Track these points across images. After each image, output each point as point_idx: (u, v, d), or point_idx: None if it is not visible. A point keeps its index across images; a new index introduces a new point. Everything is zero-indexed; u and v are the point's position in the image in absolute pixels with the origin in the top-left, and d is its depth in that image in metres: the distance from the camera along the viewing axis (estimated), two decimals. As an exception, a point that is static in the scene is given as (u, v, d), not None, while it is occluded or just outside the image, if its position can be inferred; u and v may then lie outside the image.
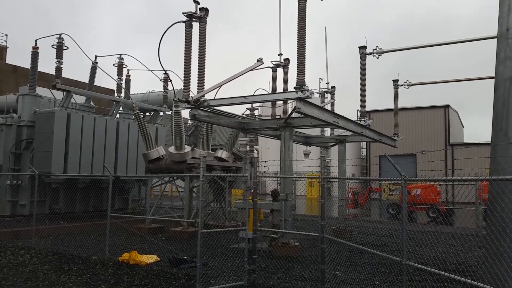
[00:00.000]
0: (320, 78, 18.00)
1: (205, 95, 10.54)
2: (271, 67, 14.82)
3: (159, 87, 26.48)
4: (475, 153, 29.58)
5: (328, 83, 17.31)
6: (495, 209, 5.72)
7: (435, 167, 32.48)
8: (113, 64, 21.42)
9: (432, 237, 14.20)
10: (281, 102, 16.50)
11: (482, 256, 6.79)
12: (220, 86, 10.71)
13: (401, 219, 6.31)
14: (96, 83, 21.90)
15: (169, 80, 20.12)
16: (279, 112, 16.33)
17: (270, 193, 13.35)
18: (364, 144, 41.84)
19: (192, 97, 10.43)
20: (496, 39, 6.54)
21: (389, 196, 24.44)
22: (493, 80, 6.59)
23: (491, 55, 6.56)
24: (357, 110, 15.18)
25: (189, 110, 10.81)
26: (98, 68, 20.37)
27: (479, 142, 32.94)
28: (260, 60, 11.16)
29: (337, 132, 16.48)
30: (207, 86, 10.60)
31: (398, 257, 6.46)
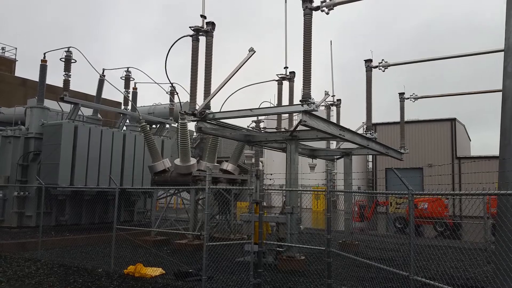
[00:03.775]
0: (325, 91, 17.98)
1: (211, 107, 10.59)
2: (276, 80, 14.92)
3: (167, 99, 26.67)
4: (482, 166, 29.35)
5: (334, 95, 17.35)
6: (504, 224, 5.66)
7: (442, 181, 32.24)
8: (120, 77, 21.65)
9: (440, 252, 14.02)
10: (287, 114, 16.55)
11: (491, 271, 6.69)
12: (220, 88, 10.62)
13: (408, 233, 6.25)
14: (104, 95, 22.12)
15: (175, 93, 20.28)
16: (284, 124, 16.35)
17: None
18: (370, 157, 41.66)
19: (196, 109, 10.49)
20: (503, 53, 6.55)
21: (395, 210, 24.24)
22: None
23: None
24: (363, 122, 15.17)
25: (195, 122, 10.86)
26: (105, 81, 20.59)
27: (486, 156, 32.70)
28: (251, 50, 11.07)
29: (343, 145, 16.45)
30: (214, 99, 10.64)
31: (405, 271, 6.39)
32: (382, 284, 8.89)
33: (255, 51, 10.99)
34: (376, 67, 14.51)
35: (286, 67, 14.45)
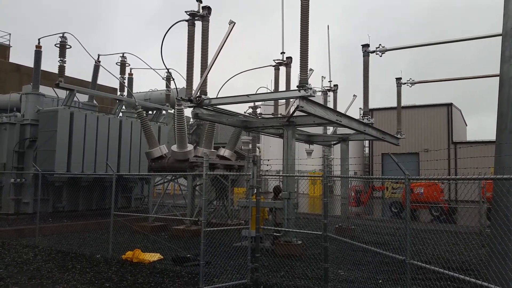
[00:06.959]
0: (322, 76, 17.95)
1: (208, 93, 10.52)
2: (273, 66, 14.82)
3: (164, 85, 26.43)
4: (478, 151, 29.47)
5: (331, 81, 17.32)
6: (500, 208, 5.71)
7: (438, 166, 32.37)
8: (116, 63, 21.43)
9: (436, 236, 14.17)
10: (284, 100, 16.50)
11: (487, 255, 6.77)
12: (209, 69, 10.47)
13: (405, 217, 6.30)
14: (100, 81, 21.92)
15: (171, 79, 20.14)
16: (281, 110, 16.31)
17: (272, 190, 13.31)
18: (366, 143, 41.77)
19: (193, 95, 10.41)
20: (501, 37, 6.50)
21: (391, 195, 24.40)
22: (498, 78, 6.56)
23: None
24: (360, 108, 15.14)
25: (192, 108, 10.80)
26: (101, 67, 20.40)
27: (482, 141, 32.84)
28: (231, 22, 10.87)
29: (340, 130, 16.46)
30: (210, 84, 10.54)
31: (401, 255, 6.45)
32: (379, 267, 8.99)
33: (235, 23, 10.75)
34: (373, 52, 14.42)
35: (283, 53, 14.35)
